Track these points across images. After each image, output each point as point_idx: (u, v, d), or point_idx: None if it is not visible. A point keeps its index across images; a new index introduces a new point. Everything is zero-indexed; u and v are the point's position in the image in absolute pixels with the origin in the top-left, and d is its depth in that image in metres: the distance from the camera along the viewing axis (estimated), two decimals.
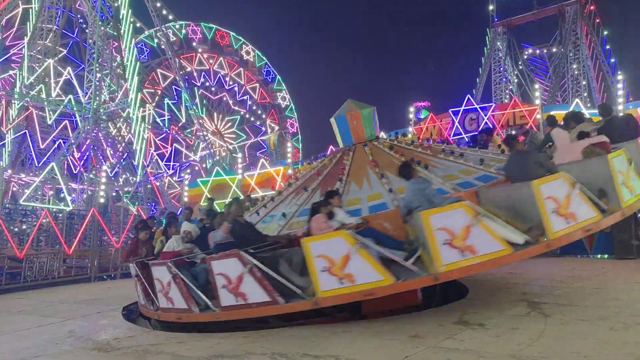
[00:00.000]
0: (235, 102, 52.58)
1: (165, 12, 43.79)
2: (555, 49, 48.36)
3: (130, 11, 36.15)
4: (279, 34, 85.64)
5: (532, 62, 51.58)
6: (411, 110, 30.32)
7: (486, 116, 24.82)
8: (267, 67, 54.54)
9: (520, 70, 51.04)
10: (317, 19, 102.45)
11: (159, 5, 42.52)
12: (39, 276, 14.97)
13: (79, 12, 38.18)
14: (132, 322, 8.43)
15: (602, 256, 12.87)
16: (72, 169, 35.95)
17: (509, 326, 5.55)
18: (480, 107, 25.60)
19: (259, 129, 51.90)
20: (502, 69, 50.12)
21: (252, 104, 53.56)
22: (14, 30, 36.74)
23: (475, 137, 7.14)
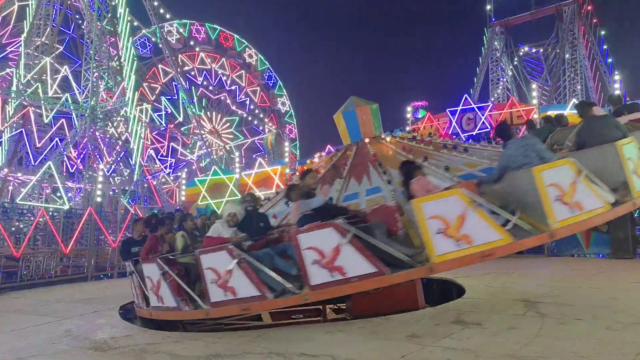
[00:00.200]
0: (234, 103, 52.66)
1: (162, 11, 43.69)
2: (551, 49, 48.46)
3: (127, 10, 36.06)
4: (276, 33, 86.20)
5: (528, 63, 51.69)
6: (409, 109, 30.38)
7: (483, 116, 24.87)
8: (269, 72, 54.78)
9: (514, 66, 51.13)
10: (315, 18, 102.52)
11: (156, 4, 42.45)
12: (35, 275, 14.94)
13: (75, 8, 37.98)
14: (129, 321, 8.41)
15: (599, 255, 12.91)
16: (69, 168, 35.90)
17: (506, 325, 5.55)
18: (477, 107, 25.67)
19: (257, 131, 51.88)
20: (499, 68, 50.22)
21: (252, 107, 53.69)
22: (10, 27, 36.63)
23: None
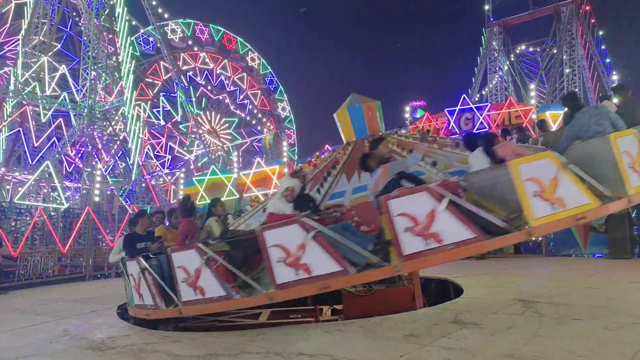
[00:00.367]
0: (234, 104, 52.75)
1: (161, 10, 43.66)
2: (548, 49, 48.52)
3: (125, 9, 36.01)
4: (275, 31, 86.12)
5: (525, 64, 51.76)
6: (407, 109, 30.38)
7: (482, 116, 24.88)
8: (271, 76, 54.95)
9: (512, 66, 51.17)
10: (314, 16, 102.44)
11: (155, 3, 42.41)
12: (33, 275, 14.93)
13: (72, 5, 37.83)
14: (126, 320, 8.40)
15: (597, 255, 12.93)
16: (66, 167, 35.85)
17: (504, 325, 5.56)
18: (475, 107, 25.67)
19: (256, 133, 51.87)
20: (497, 68, 50.28)
21: (252, 107, 53.77)
22: (7, 26, 36.55)
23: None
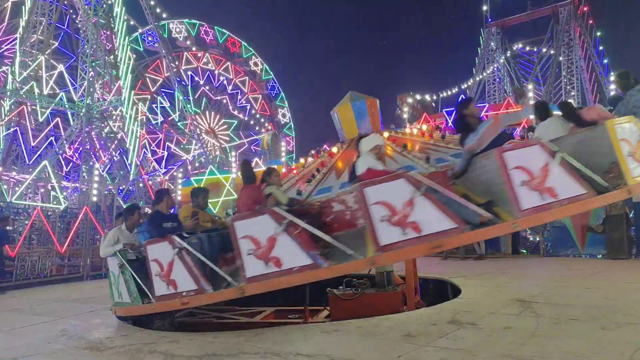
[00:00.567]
0: (234, 107, 52.89)
1: (159, 10, 43.63)
2: (545, 50, 48.59)
3: (123, 8, 35.96)
4: (272, 30, 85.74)
5: (522, 66, 51.84)
6: (405, 109, 30.37)
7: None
8: (273, 82, 55.16)
9: (510, 66, 51.25)
10: (312, 15, 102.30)
11: (153, 3, 42.37)
12: (30, 275, 14.88)
13: (70, 2, 37.63)
14: (125, 321, 8.39)
15: (595, 256, 12.96)
16: (63, 167, 35.80)
17: (501, 325, 5.57)
18: None
19: (254, 136, 51.78)
20: (496, 69, 50.36)
21: (252, 110, 53.90)
22: (4, 25, 36.45)
23: None
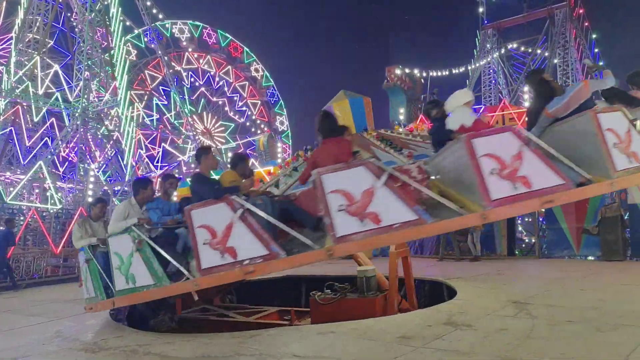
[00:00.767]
0: (233, 110, 53.02)
1: (155, 11, 43.59)
2: (540, 52, 48.71)
3: (120, 9, 35.90)
4: (274, 38, 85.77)
5: (517, 69, 51.95)
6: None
7: None
8: (273, 90, 55.19)
9: (502, 62, 51.34)
10: (306, 15, 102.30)
11: (149, 3, 42.32)
12: (25, 276, 14.86)
13: (65, 1, 37.48)
14: (119, 322, 8.38)
15: (589, 257, 13.01)
16: (58, 167, 35.69)
17: (497, 327, 5.58)
18: None
19: (251, 142, 51.66)
20: (491, 70, 50.45)
21: (250, 115, 54.03)
22: None
23: None
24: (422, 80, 43.96)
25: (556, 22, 47.44)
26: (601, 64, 47.72)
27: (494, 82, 50.39)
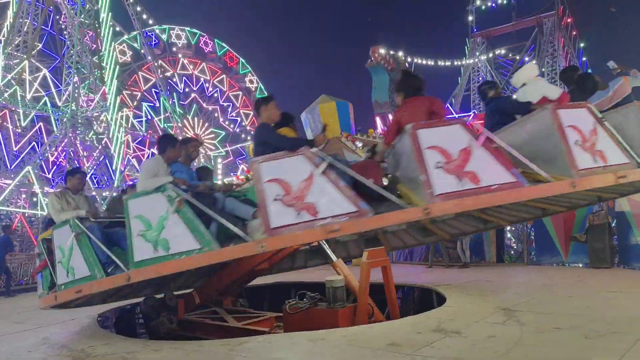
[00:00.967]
0: (224, 118, 53.08)
1: (145, 17, 43.52)
2: (527, 58, 49.11)
3: (110, 14, 35.80)
4: (264, 28, 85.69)
5: (504, 77, 52.32)
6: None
7: None
8: None
9: (491, 67, 51.68)
10: (297, 17, 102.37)
11: (139, 9, 42.26)
12: (12, 282, 14.67)
13: (54, 3, 37.18)
14: (107, 329, 8.30)
15: (577, 265, 13.09)
16: (46, 172, 35.41)
17: (485, 334, 5.59)
18: (459, 116, 25.90)
19: (242, 152, 51.54)
20: (480, 78, 50.82)
21: (243, 124, 54.12)
22: None
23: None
24: (407, 64, 43.90)
25: (545, 30, 47.94)
26: (589, 71, 48.31)
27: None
